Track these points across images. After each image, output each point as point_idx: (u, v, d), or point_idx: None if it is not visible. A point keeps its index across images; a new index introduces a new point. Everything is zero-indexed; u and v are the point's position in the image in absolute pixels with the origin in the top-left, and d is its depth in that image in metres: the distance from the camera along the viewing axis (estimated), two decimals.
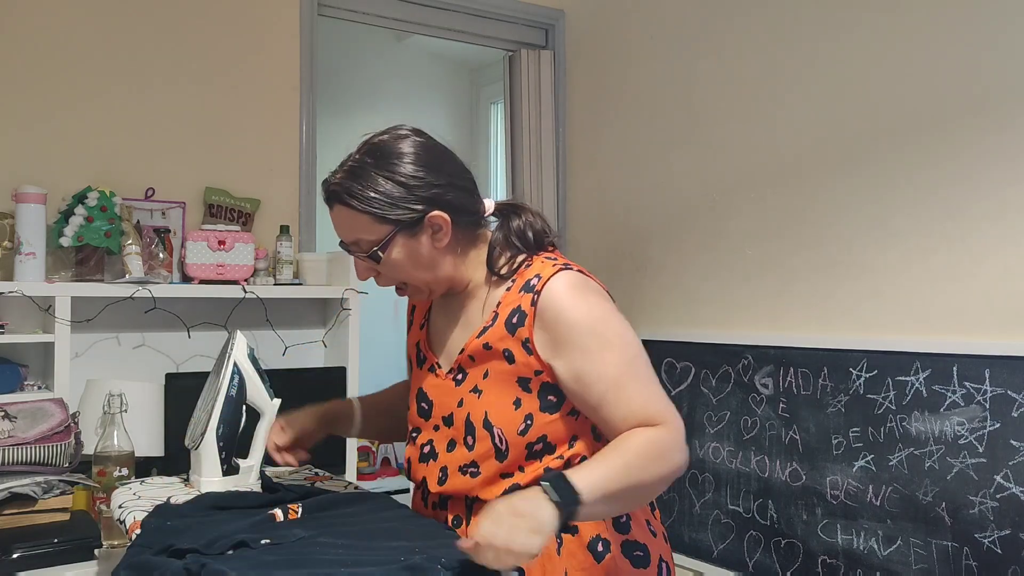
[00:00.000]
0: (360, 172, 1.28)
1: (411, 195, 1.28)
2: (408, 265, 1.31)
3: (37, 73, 2.46)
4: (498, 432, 1.30)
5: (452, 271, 1.35)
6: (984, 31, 2.04)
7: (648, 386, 1.26)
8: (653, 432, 1.21)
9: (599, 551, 1.31)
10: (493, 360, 1.32)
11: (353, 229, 1.30)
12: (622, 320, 1.30)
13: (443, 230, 1.30)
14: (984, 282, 2.04)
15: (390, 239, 1.28)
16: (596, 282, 1.34)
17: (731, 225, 2.66)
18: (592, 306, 1.28)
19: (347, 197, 1.28)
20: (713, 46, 2.74)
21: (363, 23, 3.08)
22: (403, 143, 1.33)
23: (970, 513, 2.00)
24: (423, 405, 1.41)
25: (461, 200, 1.33)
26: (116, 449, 1.85)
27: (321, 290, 2.67)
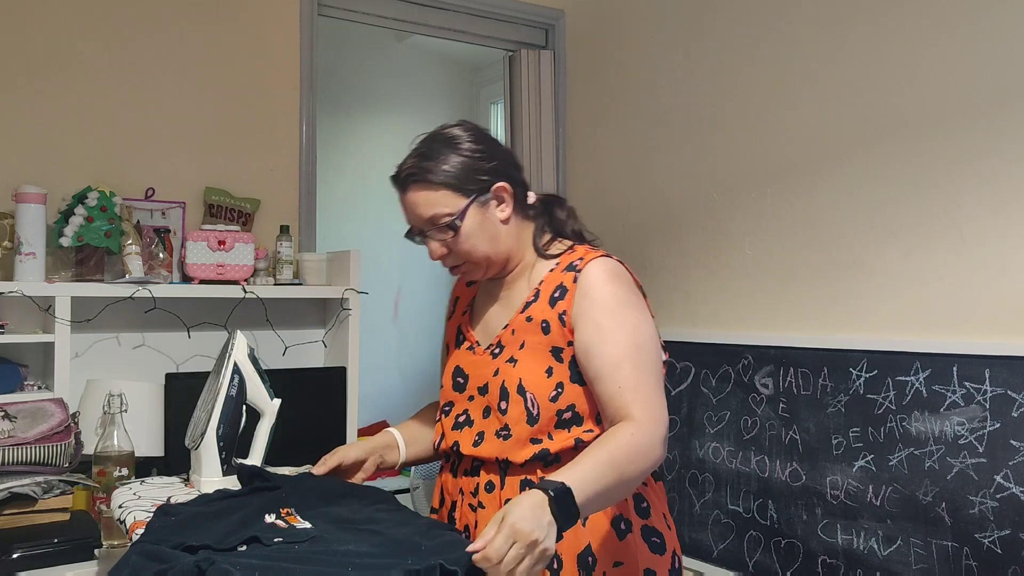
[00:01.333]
0: (429, 154, 1.40)
1: (479, 166, 1.40)
2: (478, 237, 1.41)
3: (37, 73, 2.46)
4: (531, 397, 1.37)
5: (511, 247, 1.45)
6: (984, 31, 2.04)
7: (644, 375, 1.32)
8: (633, 431, 1.26)
9: (622, 529, 1.37)
10: (531, 331, 1.41)
11: (430, 205, 1.39)
12: (644, 313, 1.39)
13: (506, 201, 1.43)
14: (984, 282, 2.04)
15: (466, 209, 1.39)
16: (633, 277, 1.44)
17: (731, 225, 2.66)
18: (619, 292, 1.38)
19: (425, 174, 1.39)
20: (713, 46, 2.74)
21: (363, 23, 3.08)
22: (456, 129, 1.45)
23: (970, 513, 2.00)
24: (458, 380, 1.49)
25: (519, 176, 1.46)
26: (116, 449, 1.85)
27: (321, 290, 2.67)
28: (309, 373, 2.66)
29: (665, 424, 1.30)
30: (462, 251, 1.42)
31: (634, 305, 1.38)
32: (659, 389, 1.33)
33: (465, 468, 1.46)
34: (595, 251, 1.44)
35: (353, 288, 2.64)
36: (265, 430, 1.67)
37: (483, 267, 1.45)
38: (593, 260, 1.40)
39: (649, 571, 1.38)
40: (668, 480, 2.77)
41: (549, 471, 1.36)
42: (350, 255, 2.64)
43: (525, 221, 1.48)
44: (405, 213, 1.44)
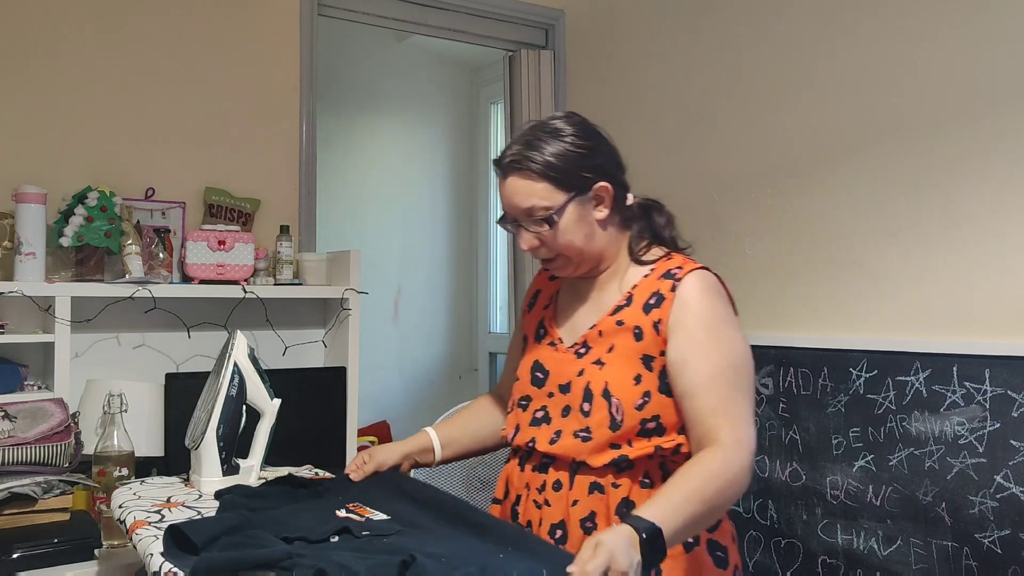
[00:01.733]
0: (535, 144, 1.37)
1: (583, 163, 1.38)
2: (574, 233, 1.38)
3: (37, 73, 2.46)
4: (616, 403, 1.36)
5: (605, 247, 1.43)
6: (984, 31, 2.04)
7: (735, 396, 1.32)
8: (724, 456, 1.26)
9: (688, 542, 1.35)
10: (621, 336, 1.39)
11: (529, 196, 1.37)
12: (740, 331, 1.39)
13: (605, 201, 1.40)
14: (984, 282, 2.04)
15: (565, 205, 1.37)
16: (728, 292, 1.44)
17: (731, 225, 2.65)
18: (717, 308, 1.38)
19: (528, 163, 1.36)
20: (713, 46, 2.74)
21: (363, 23, 3.08)
22: (565, 121, 1.42)
23: (970, 513, 2.00)
24: (537, 375, 1.47)
25: (622, 178, 1.45)
26: (116, 449, 1.85)
27: (321, 290, 2.67)
28: (309, 373, 2.66)
29: (753, 449, 1.30)
30: (557, 246, 1.40)
31: (731, 322, 1.38)
32: (749, 411, 1.33)
33: (534, 464, 1.45)
34: (693, 262, 1.43)
35: (353, 288, 2.64)
36: (265, 430, 1.67)
37: (575, 264, 1.43)
38: (693, 271, 1.39)
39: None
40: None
41: (622, 476, 1.36)
42: (350, 255, 2.64)
43: (622, 223, 1.46)
44: (502, 200, 1.42)
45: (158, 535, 1.24)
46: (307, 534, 1.20)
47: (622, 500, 1.36)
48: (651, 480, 1.37)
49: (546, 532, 1.40)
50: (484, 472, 2.83)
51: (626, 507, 1.35)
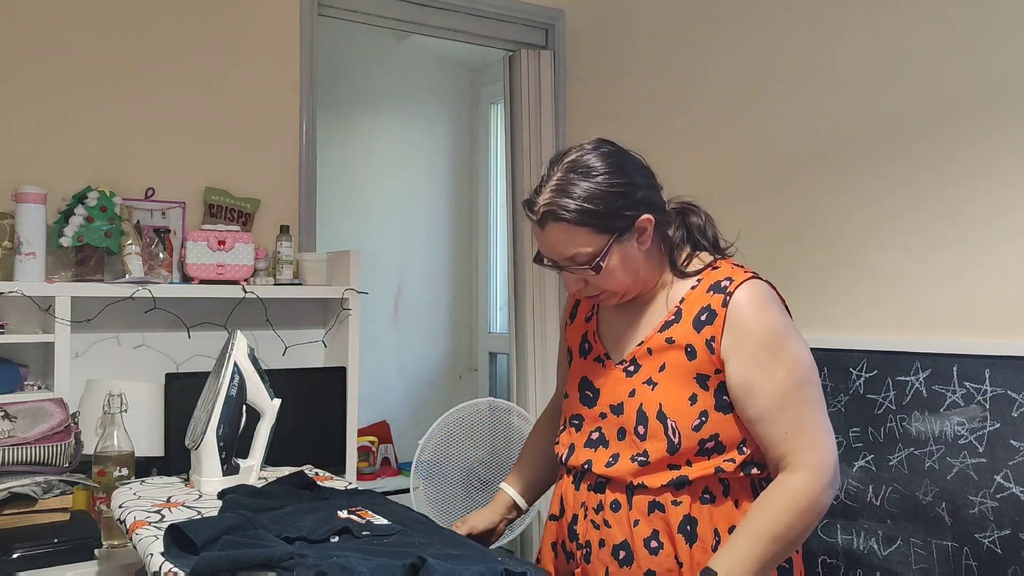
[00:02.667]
0: (568, 188, 1.31)
1: (621, 202, 1.32)
2: (619, 272, 1.35)
3: (37, 73, 2.46)
4: (672, 424, 1.33)
5: (650, 275, 1.39)
6: (984, 31, 2.04)
7: (807, 413, 1.28)
8: (795, 487, 1.25)
9: None
10: (672, 354, 1.35)
11: (570, 244, 1.32)
12: (800, 340, 1.34)
13: (647, 231, 1.35)
14: (984, 282, 2.04)
15: (608, 248, 1.32)
16: (781, 297, 1.40)
17: (731, 225, 2.64)
18: (774, 320, 1.33)
19: (564, 213, 1.30)
20: (713, 46, 2.74)
21: (363, 23, 3.08)
22: (593, 156, 1.35)
23: (970, 513, 2.00)
24: (587, 393, 1.44)
25: (656, 199, 1.39)
26: (116, 449, 1.85)
27: (321, 290, 2.67)
28: (309, 373, 2.66)
29: (833, 464, 1.27)
30: (603, 286, 1.37)
31: (791, 334, 1.33)
32: (823, 425, 1.29)
33: (590, 483, 1.42)
34: (742, 270, 1.38)
35: (353, 288, 2.64)
36: (265, 430, 1.67)
37: (621, 295, 1.40)
38: (744, 283, 1.34)
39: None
40: None
41: (681, 495, 1.34)
42: (350, 255, 2.64)
43: (663, 241, 1.42)
44: (540, 245, 1.37)
45: (158, 535, 1.25)
46: (308, 534, 1.20)
47: (684, 517, 1.34)
48: (712, 495, 1.34)
49: (609, 553, 1.37)
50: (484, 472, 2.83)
51: (688, 524, 1.33)
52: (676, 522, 1.33)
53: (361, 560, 1.06)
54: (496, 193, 4.41)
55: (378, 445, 3.88)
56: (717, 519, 1.34)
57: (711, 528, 1.33)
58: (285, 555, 1.08)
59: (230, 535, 1.15)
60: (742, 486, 1.36)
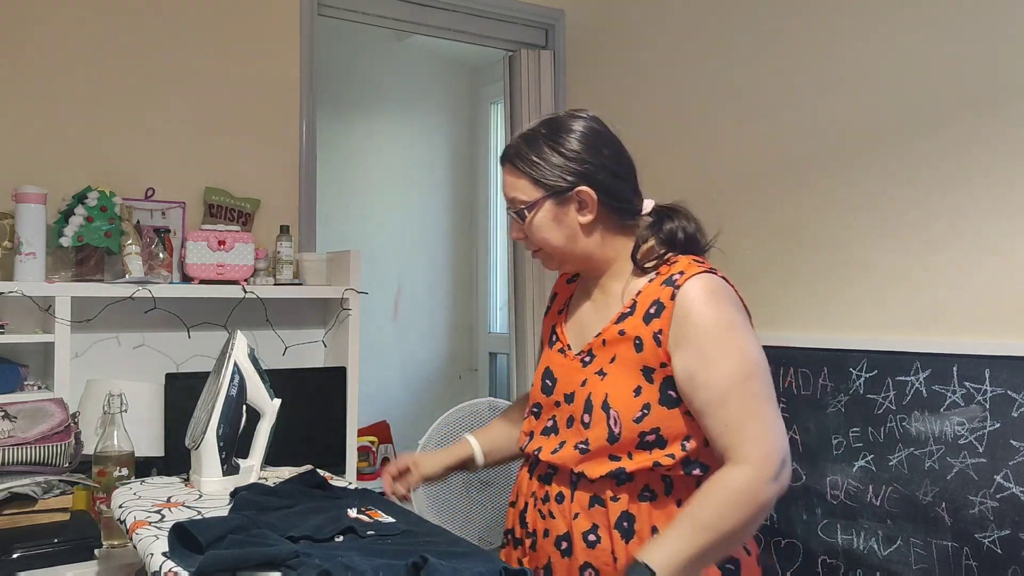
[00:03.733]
0: (531, 139, 1.42)
1: (567, 166, 1.38)
2: (549, 231, 1.40)
3: (37, 73, 2.46)
4: (614, 415, 1.34)
5: (592, 250, 1.43)
6: (984, 31, 2.04)
7: (752, 406, 1.27)
8: (732, 475, 1.25)
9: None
10: (623, 346, 1.37)
11: (512, 187, 1.42)
12: (750, 335, 1.34)
13: (589, 207, 1.39)
14: (984, 282, 2.04)
15: (538, 202, 1.39)
16: (736, 293, 1.39)
17: (731, 225, 2.65)
18: (723, 313, 1.32)
19: (514, 158, 1.42)
20: (713, 46, 2.74)
21: (363, 23, 3.08)
22: (576, 122, 1.43)
23: (970, 513, 2.00)
24: (547, 382, 1.47)
25: (614, 185, 1.41)
26: (116, 449, 1.85)
27: (321, 290, 2.67)
28: (309, 373, 2.66)
29: (778, 458, 1.25)
30: (534, 239, 1.43)
31: (739, 327, 1.32)
32: (770, 418, 1.28)
33: (540, 473, 1.45)
34: (697, 264, 1.38)
35: (353, 288, 2.64)
36: (265, 430, 1.67)
37: (556, 261, 1.45)
38: (693, 276, 1.34)
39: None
40: None
41: (621, 490, 1.35)
42: (350, 255, 2.64)
43: (622, 229, 1.44)
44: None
45: (158, 535, 1.25)
46: (313, 533, 1.20)
47: (622, 513, 1.35)
48: (653, 493, 1.35)
49: (552, 543, 1.40)
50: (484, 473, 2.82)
51: (625, 520, 1.34)
52: (614, 518, 1.35)
53: (365, 560, 1.06)
54: (496, 193, 4.41)
55: (378, 445, 3.88)
56: (656, 517, 1.34)
57: (649, 526, 1.34)
58: (290, 554, 1.08)
59: (235, 535, 1.15)
60: (686, 486, 1.35)
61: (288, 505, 1.38)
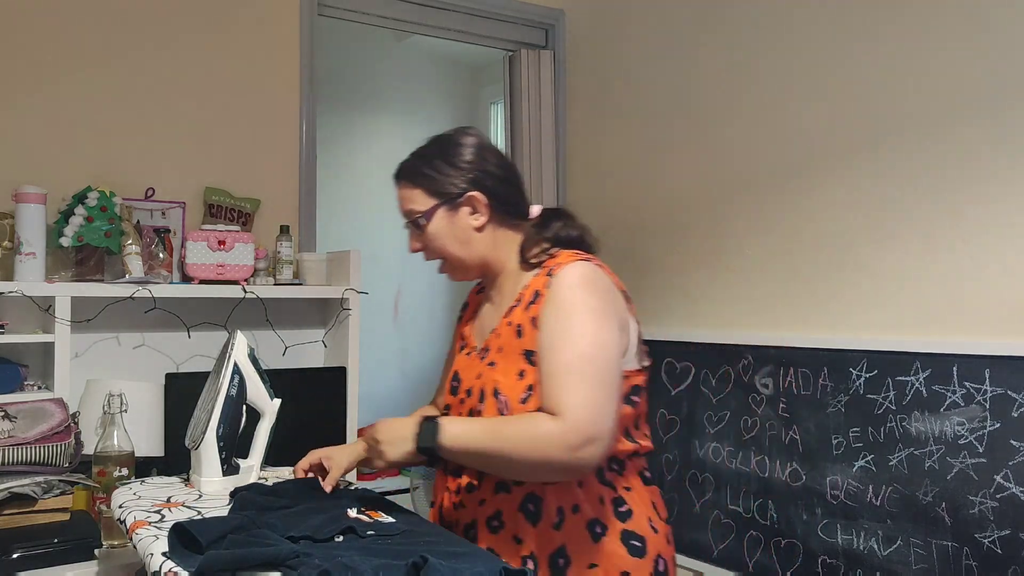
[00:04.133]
0: (423, 155, 1.50)
1: (457, 174, 1.47)
2: (445, 237, 1.48)
3: (37, 73, 2.46)
4: (504, 400, 1.39)
5: (486, 253, 1.50)
6: (984, 31, 2.04)
7: (577, 384, 1.30)
8: (541, 419, 1.29)
9: (597, 532, 1.39)
10: (509, 336, 1.44)
11: (407, 200, 1.50)
12: (604, 320, 1.36)
13: (480, 211, 1.48)
14: (984, 282, 2.04)
15: (433, 210, 1.47)
16: (613, 283, 1.44)
17: (731, 225, 2.66)
18: (580, 297, 1.36)
19: (407, 172, 1.50)
20: (713, 46, 2.74)
21: (363, 23, 3.08)
22: (464, 136, 1.52)
23: (970, 513, 2.00)
24: (454, 384, 1.54)
25: (502, 189, 1.50)
26: (116, 449, 1.85)
27: (321, 290, 2.67)
28: (309, 373, 2.66)
29: (584, 434, 1.26)
30: (432, 249, 1.50)
31: (593, 311, 1.35)
32: (592, 399, 1.28)
33: (452, 467, 1.49)
34: (575, 255, 1.44)
35: (353, 288, 2.64)
36: (265, 430, 1.67)
37: (458, 268, 1.52)
38: (568, 264, 1.41)
39: (626, 573, 1.38)
40: (668, 480, 2.77)
41: None
42: (350, 255, 2.64)
43: (511, 231, 1.51)
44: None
45: (158, 535, 1.25)
46: (313, 533, 1.20)
47: (527, 496, 1.40)
48: None
49: (462, 532, 1.45)
50: None
51: (531, 503, 1.39)
52: (519, 500, 1.40)
53: (365, 560, 1.06)
54: None
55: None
56: (561, 497, 1.38)
57: (555, 506, 1.38)
58: (290, 554, 1.08)
59: (235, 535, 1.15)
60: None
61: (288, 505, 1.38)
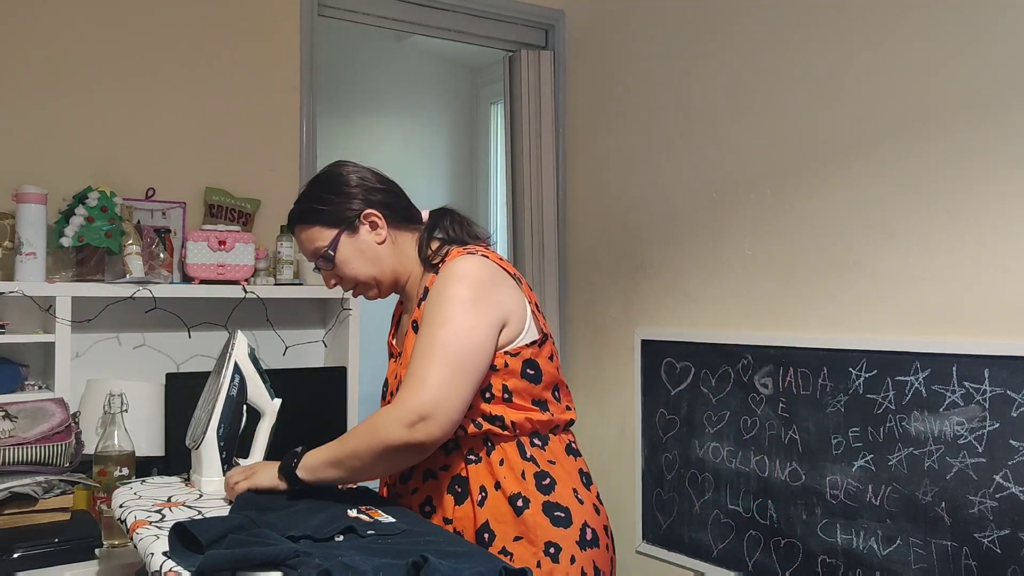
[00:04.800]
0: (307, 195, 1.57)
1: (346, 199, 1.54)
2: (355, 260, 1.54)
3: (37, 73, 2.46)
4: None
5: (395, 266, 1.57)
6: (984, 31, 2.05)
7: (424, 366, 1.37)
8: (379, 411, 1.41)
9: (519, 506, 1.44)
10: (411, 333, 1.52)
11: (309, 240, 1.55)
12: (470, 308, 1.42)
13: (379, 225, 1.55)
14: (984, 282, 2.04)
15: (336, 238, 1.53)
16: (498, 271, 1.49)
17: (731, 225, 2.66)
18: (456, 289, 1.43)
19: (300, 215, 1.56)
20: (713, 46, 2.74)
21: (363, 23, 3.08)
22: (340, 167, 1.59)
23: (970, 513, 2.00)
24: (384, 389, 1.63)
25: (392, 201, 1.59)
26: (116, 449, 1.85)
27: (321, 290, 2.67)
28: (309, 373, 2.66)
29: (420, 411, 1.33)
30: (347, 276, 1.56)
31: (459, 301, 1.42)
32: (435, 380, 1.35)
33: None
34: (461, 251, 1.51)
35: None
36: (265, 430, 1.67)
37: (374, 287, 1.58)
38: (451, 260, 1.49)
39: (551, 543, 1.42)
40: (668, 480, 2.77)
41: (449, 457, 1.48)
42: None
43: (410, 237, 1.59)
44: (301, 251, 1.60)
45: (159, 535, 1.25)
46: (313, 532, 1.20)
47: (453, 478, 1.48)
48: (477, 456, 1.47)
49: None
50: None
51: (458, 484, 1.47)
52: (446, 484, 1.48)
53: (365, 559, 1.06)
54: (496, 193, 4.41)
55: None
56: (483, 476, 1.46)
57: (478, 485, 1.45)
58: (290, 553, 1.08)
59: (236, 534, 1.15)
60: (508, 443, 1.47)
61: (287, 505, 1.38)
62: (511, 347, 1.47)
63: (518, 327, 1.48)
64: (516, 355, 1.47)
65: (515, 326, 1.47)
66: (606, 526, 1.53)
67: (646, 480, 2.87)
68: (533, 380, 1.49)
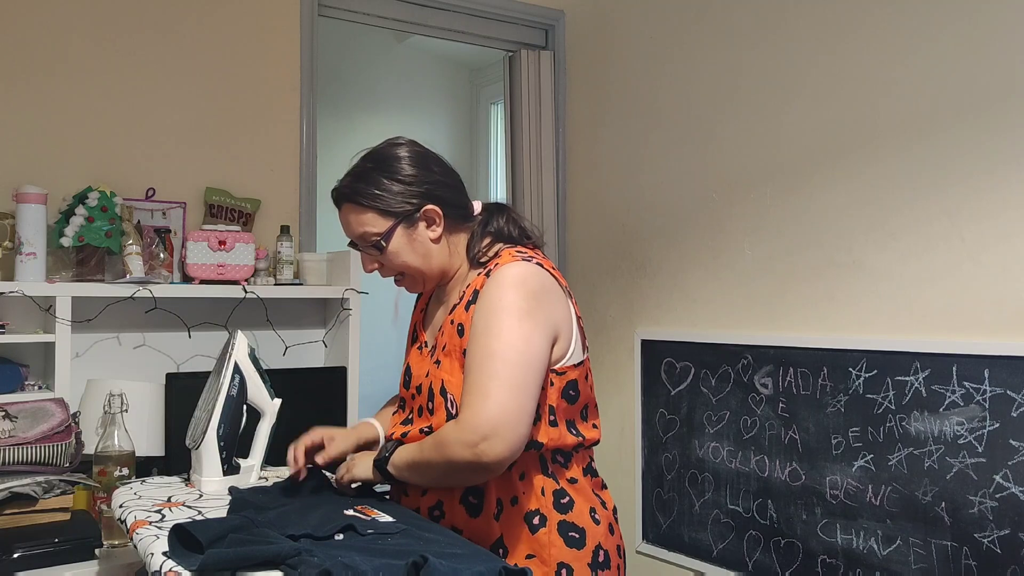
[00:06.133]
0: (364, 175, 1.48)
1: (408, 191, 1.46)
2: (406, 254, 1.48)
3: (37, 73, 2.46)
4: (451, 398, 1.42)
5: (444, 261, 1.52)
6: (984, 31, 2.05)
7: (484, 383, 1.32)
8: (446, 426, 1.36)
9: (534, 524, 1.41)
10: (451, 334, 1.46)
11: (360, 224, 1.47)
12: (524, 321, 1.37)
13: (436, 222, 1.48)
14: (984, 282, 2.04)
15: (392, 230, 1.46)
16: (553, 282, 1.44)
17: (731, 225, 2.66)
18: (512, 298, 1.37)
19: (355, 195, 1.47)
20: (713, 46, 2.74)
21: (363, 23, 3.08)
22: (399, 149, 1.50)
23: (969, 513, 2.00)
24: (407, 377, 1.57)
25: (451, 196, 1.51)
26: (117, 449, 1.85)
27: (321, 290, 2.67)
28: (309, 373, 2.66)
29: (483, 431, 1.28)
30: (394, 266, 1.50)
31: (515, 312, 1.36)
32: (496, 397, 1.30)
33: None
34: (515, 256, 1.45)
35: (353, 288, 2.64)
36: (265, 430, 1.67)
37: (420, 281, 1.53)
38: (506, 264, 1.42)
39: (563, 564, 1.40)
40: (668, 480, 2.77)
41: None
42: (350, 255, 2.64)
43: (462, 235, 1.53)
44: (342, 226, 1.53)
45: (159, 535, 1.25)
46: (313, 531, 1.21)
47: (468, 488, 1.43)
48: None
49: None
50: None
51: (472, 495, 1.42)
52: (459, 493, 1.43)
53: (365, 559, 1.06)
54: (496, 193, 4.41)
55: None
56: (501, 490, 1.41)
57: (495, 498, 1.41)
58: (291, 552, 1.08)
59: (236, 534, 1.15)
60: (531, 459, 1.42)
61: (283, 503, 1.38)
62: (558, 366, 1.42)
63: (566, 344, 1.43)
64: (562, 374, 1.43)
65: (564, 343, 1.43)
66: (619, 545, 1.50)
67: (646, 480, 2.87)
68: (571, 401, 1.45)
